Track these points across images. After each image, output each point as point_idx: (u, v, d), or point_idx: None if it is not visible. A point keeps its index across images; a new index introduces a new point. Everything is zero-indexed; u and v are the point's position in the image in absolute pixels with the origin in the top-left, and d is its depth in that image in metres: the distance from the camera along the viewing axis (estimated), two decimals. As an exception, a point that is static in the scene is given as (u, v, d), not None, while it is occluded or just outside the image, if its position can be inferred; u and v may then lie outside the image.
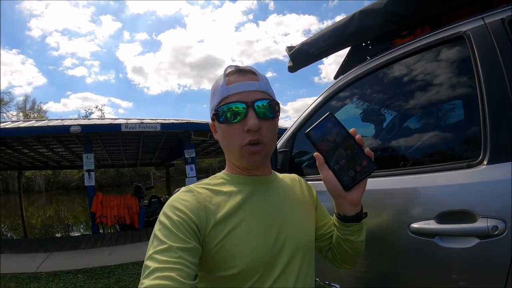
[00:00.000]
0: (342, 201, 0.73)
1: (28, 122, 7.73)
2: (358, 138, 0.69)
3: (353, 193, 0.70)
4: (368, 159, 0.69)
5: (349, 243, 0.77)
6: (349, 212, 0.74)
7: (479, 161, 0.76)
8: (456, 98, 0.97)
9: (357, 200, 0.71)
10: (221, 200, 0.68)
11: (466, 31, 0.86)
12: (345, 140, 0.70)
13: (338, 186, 0.70)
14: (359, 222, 0.75)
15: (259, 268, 0.64)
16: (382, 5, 1.09)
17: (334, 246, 0.83)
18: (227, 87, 0.69)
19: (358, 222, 0.75)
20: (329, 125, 0.71)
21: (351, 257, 0.82)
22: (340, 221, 0.76)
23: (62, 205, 20.55)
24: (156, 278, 0.51)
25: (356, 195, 0.70)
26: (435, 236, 0.78)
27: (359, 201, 0.72)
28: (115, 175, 33.04)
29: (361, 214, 0.75)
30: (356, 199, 0.71)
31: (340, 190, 0.70)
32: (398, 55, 1.04)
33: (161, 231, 0.59)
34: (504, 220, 0.67)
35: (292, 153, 1.34)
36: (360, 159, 0.69)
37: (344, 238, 0.77)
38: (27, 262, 4.61)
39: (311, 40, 1.38)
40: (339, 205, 0.75)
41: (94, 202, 6.61)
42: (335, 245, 0.82)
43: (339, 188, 0.70)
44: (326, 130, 0.71)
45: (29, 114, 32.71)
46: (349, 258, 0.82)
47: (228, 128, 0.69)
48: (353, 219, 0.74)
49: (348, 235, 0.76)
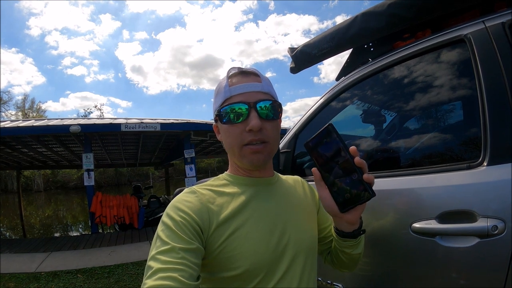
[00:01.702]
0: (339, 220, 0.72)
1: (28, 122, 7.71)
2: (357, 161, 0.62)
3: (349, 214, 0.68)
4: (367, 185, 0.62)
5: (346, 255, 0.78)
6: (346, 229, 0.73)
7: (479, 162, 0.77)
8: (456, 100, 0.98)
9: (354, 220, 0.69)
10: (224, 201, 0.68)
11: (467, 34, 0.87)
12: (344, 160, 0.63)
13: (334, 206, 0.67)
14: (356, 238, 0.74)
15: (262, 269, 0.65)
16: (384, 8, 1.10)
17: (333, 252, 0.83)
18: (230, 88, 0.69)
19: (355, 238, 0.74)
20: (328, 139, 0.64)
21: (348, 265, 0.82)
22: (337, 235, 0.76)
23: (61, 204, 20.46)
24: (159, 279, 0.52)
25: (352, 216, 0.68)
26: (436, 235, 0.79)
27: (356, 221, 0.70)
28: (114, 175, 32.95)
29: (358, 231, 0.73)
30: (352, 220, 0.69)
31: (336, 210, 0.67)
32: (399, 57, 1.05)
33: (164, 232, 0.59)
34: (503, 220, 0.69)
35: (294, 154, 1.35)
36: (357, 184, 0.62)
37: (341, 250, 0.78)
38: (27, 262, 4.60)
39: (313, 41, 1.38)
40: (336, 221, 0.74)
41: (94, 202, 6.60)
42: (333, 252, 0.83)
43: (335, 208, 0.67)
44: (324, 144, 0.65)
45: (28, 114, 32.62)
46: (347, 266, 0.83)
47: (231, 129, 0.69)
48: (349, 235, 0.73)
49: (344, 248, 0.76)
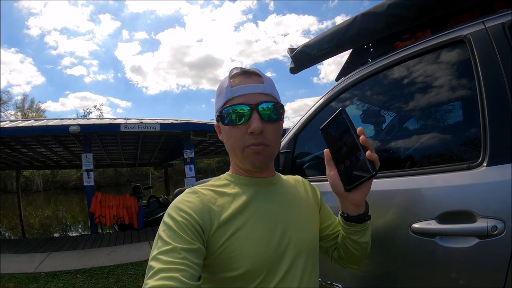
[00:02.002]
0: (344, 200, 0.73)
1: (27, 122, 7.70)
2: (362, 140, 0.65)
3: (354, 194, 0.69)
4: (369, 162, 0.64)
5: (353, 243, 0.77)
6: (352, 212, 0.73)
7: (479, 163, 0.77)
8: (456, 100, 0.98)
9: (358, 201, 0.70)
10: (225, 201, 0.68)
11: (466, 35, 0.88)
12: (351, 140, 0.67)
13: (340, 185, 0.70)
14: (361, 224, 0.74)
15: (263, 269, 0.65)
16: (384, 8, 1.10)
17: (340, 245, 0.82)
18: (231, 89, 0.69)
19: (360, 224, 0.74)
20: (339, 122, 0.69)
21: (357, 258, 0.81)
22: (343, 219, 0.76)
23: (61, 205, 20.44)
24: (160, 279, 0.51)
25: (357, 196, 0.69)
26: (436, 236, 0.79)
27: (361, 203, 0.71)
28: (113, 175, 32.93)
29: (363, 216, 0.74)
30: (357, 200, 0.70)
31: (341, 190, 0.70)
32: (399, 58, 1.05)
33: (165, 232, 0.59)
34: (503, 220, 0.69)
35: (294, 154, 1.35)
36: (361, 162, 0.65)
37: (347, 237, 0.77)
38: (26, 262, 4.60)
39: (313, 42, 1.38)
40: (342, 203, 0.75)
41: (93, 202, 6.59)
42: (340, 245, 0.82)
43: (340, 187, 0.70)
44: (335, 127, 0.70)
45: (28, 114, 32.60)
46: (355, 258, 0.81)
47: (232, 130, 0.69)
48: (355, 220, 0.74)
49: (351, 234, 0.76)
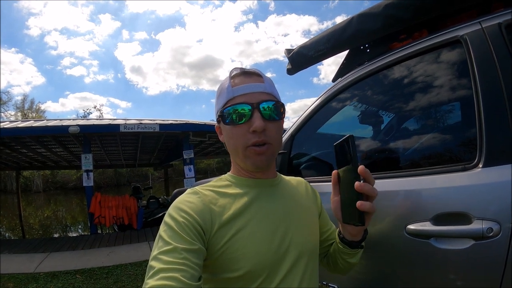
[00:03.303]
0: (343, 226, 0.74)
1: (27, 122, 7.71)
2: (356, 186, 0.62)
3: (349, 227, 0.70)
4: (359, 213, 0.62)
5: (342, 259, 0.79)
6: (347, 237, 0.74)
7: (475, 164, 0.77)
8: (452, 101, 0.98)
9: (354, 233, 0.72)
10: (226, 202, 0.68)
11: (463, 35, 0.87)
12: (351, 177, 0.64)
13: (340, 214, 0.70)
14: (353, 249, 0.75)
15: (264, 270, 0.64)
16: (381, 9, 1.09)
17: (331, 255, 0.83)
18: (232, 89, 0.68)
19: (352, 249, 0.75)
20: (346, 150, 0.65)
21: (342, 270, 0.83)
22: (339, 238, 0.77)
23: (60, 205, 20.45)
24: (160, 279, 0.52)
25: (353, 231, 0.71)
26: (431, 237, 0.78)
27: (357, 235, 0.72)
28: (113, 176, 32.96)
29: (357, 243, 0.74)
30: (353, 233, 0.72)
31: (340, 218, 0.71)
32: (396, 58, 1.05)
33: (166, 232, 0.59)
34: (498, 222, 0.68)
35: (291, 155, 1.35)
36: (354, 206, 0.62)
37: (339, 252, 0.79)
38: (26, 262, 4.60)
39: (310, 42, 1.38)
40: (341, 226, 0.75)
41: (93, 203, 6.60)
42: (331, 255, 0.83)
43: (339, 215, 0.70)
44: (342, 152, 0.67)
45: (28, 114, 32.64)
46: (340, 270, 0.83)
47: (234, 130, 0.68)
48: (348, 244, 0.75)
49: (341, 253, 0.77)
